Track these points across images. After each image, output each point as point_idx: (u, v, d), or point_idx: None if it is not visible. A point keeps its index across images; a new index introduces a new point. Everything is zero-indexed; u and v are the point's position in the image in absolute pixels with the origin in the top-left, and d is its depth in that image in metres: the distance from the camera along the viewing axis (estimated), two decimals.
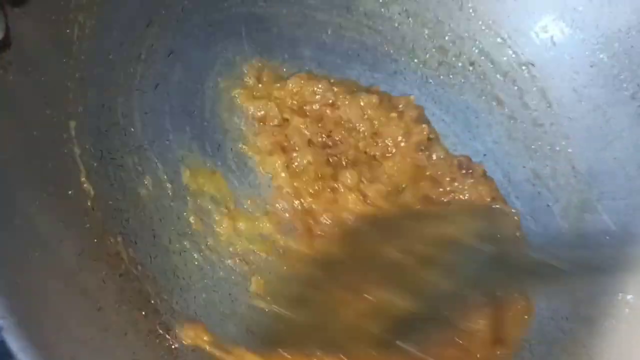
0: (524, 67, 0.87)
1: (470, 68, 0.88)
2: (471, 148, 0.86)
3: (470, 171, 0.83)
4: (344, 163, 0.79)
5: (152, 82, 0.72)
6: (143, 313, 0.61)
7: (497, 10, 0.87)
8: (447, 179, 0.81)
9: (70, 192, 0.59)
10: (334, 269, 0.74)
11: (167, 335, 0.61)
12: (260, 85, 0.80)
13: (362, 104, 0.81)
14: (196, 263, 0.68)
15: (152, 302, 0.62)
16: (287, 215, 0.75)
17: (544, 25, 0.87)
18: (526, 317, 0.75)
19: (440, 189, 0.81)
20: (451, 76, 0.88)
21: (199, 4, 0.77)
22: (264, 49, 0.82)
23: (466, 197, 0.81)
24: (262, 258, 0.72)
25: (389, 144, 0.81)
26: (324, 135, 0.80)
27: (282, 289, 0.71)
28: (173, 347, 0.61)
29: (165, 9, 0.73)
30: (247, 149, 0.77)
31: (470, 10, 0.88)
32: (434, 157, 0.83)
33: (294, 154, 0.77)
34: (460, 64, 0.88)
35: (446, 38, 0.88)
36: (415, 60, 0.88)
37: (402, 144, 0.80)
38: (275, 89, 0.80)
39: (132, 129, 0.68)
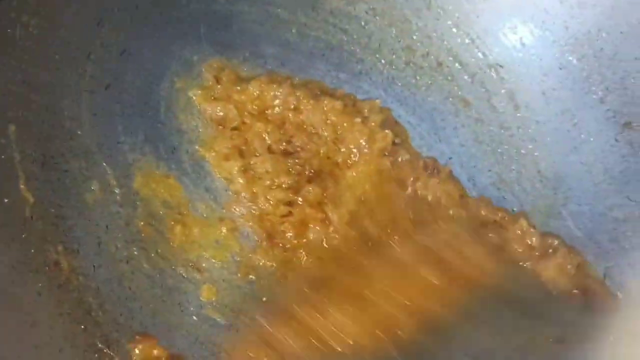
0: (492, 69, 0.86)
1: (438, 69, 0.86)
2: (437, 150, 0.84)
3: (437, 171, 0.81)
4: (307, 173, 0.77)
5: (103, 83, 0.69)
6: (82, 327, 0.59)
7: (466, 10, 0.85)
8: (411, 179, 0.80)
9: (6, 200, 0.57)
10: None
11: (107, 350, 0.59)
12: (219, 86, 0.78)
13: (325, 109, 0.79)
14: (144, 271, 0.66)
15: (93, 314, 0.60)
16: (243, 221, 0.74)
17: (513, 26, 0.85)
18: None
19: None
20: (418, 77, 0.86)
21: (155, 1, 0.75)
22: (224, 48, 0.80)
23: (430, 198, 0.79)
24: (215, 266, 0.70)
25: (353, 150, 0.79)
26: (284, 142, 0.77)
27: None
28: None
29: (118, 7, 0.71)
30: (203, 152, 0.75)
31: (439, 10, 0.86)
32: (400, 159, 0.81)
33: (252, 160, 0.75)
34: (427, 65, 0.86)
35: (414, 37, 0.86)
36: (382, 61, 0.86)
37: (366, 151, 0.78)
38: (236, 92, 0.78)
39: (79, 132, 0.66)
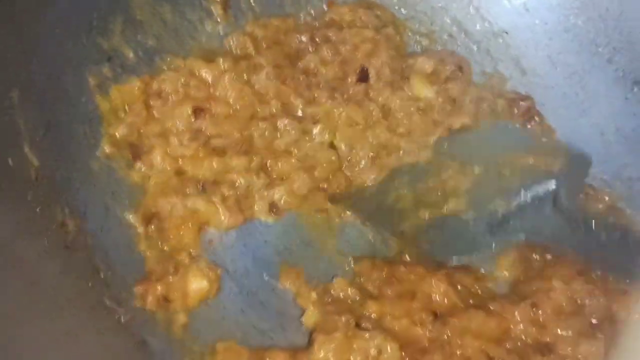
0: (497, 36, 0.85)
1: (443, 38, 0.86)
2: None
3: None
4: None
5: (105, 55, 0.69)
6: (89, 284, 0.59)
7: None
8: None
9: (10, 161, 0.57)
10: None
11: (117, 307, 0.59)
12: None
13: None
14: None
15: (102, 274, 0.60)
16: None
17: None
18: None
19: None
20: (423, 47, 0.86)
21: None
22: None
23: None
24: None
25: None
26: None
27: None
28: (122, 320, 0.59)
29: None
30: None
31: None
32: None
33: None
34: (432, 35, 0.86)
35: (417, 9, 0.86)
36: None
37: None
38: None
39: (83, 99, 0.66)
